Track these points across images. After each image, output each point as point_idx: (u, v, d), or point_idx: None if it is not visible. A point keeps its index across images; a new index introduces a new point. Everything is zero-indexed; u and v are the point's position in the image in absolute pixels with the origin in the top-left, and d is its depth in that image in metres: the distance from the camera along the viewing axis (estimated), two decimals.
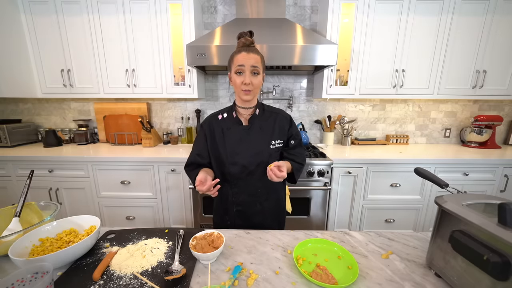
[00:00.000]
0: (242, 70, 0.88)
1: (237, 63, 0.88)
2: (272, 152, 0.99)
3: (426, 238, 0.82)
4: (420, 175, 0.82)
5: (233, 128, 0.98)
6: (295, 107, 2.35)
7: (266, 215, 1.04)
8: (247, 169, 0.97)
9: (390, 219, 1.88)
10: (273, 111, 1.04)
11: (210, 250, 0.70)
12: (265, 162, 0.96)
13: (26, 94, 2.00)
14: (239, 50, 0.89)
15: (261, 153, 0.97)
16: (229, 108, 1.03)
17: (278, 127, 1.01)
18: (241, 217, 1.02)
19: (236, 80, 0.90)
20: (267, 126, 0.99)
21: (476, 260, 0.49)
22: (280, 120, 1.02)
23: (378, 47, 1.89)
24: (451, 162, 1.79)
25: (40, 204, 0.86)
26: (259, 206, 1.01)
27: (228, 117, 1.00)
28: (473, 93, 1.97)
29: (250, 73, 0.88)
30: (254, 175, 0.98)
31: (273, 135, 0.99)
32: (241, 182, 0.99)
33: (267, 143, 0.98)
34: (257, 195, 1.00)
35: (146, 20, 1.87)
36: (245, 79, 0.88)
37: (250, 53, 0.88)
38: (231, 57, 0.92)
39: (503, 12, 1.81)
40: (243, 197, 1.00)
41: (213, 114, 1.05)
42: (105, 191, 1.86)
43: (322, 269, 0.65)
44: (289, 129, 1.03)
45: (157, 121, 2.41)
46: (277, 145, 0.99)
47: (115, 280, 0.61)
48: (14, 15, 1.87)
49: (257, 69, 0.88)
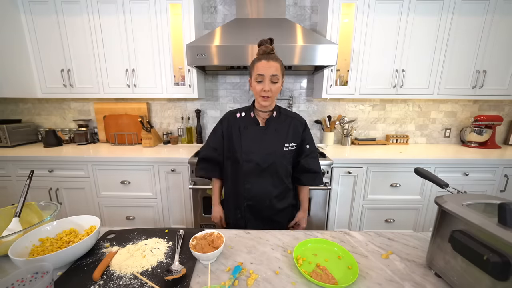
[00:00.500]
0: (262, 79, 0.93)
1: (258, 71, 0.93)
2: (285, 153, 1.03)
3: (426, 238, 0.82)
4: (420, 175, 0.82)
5: (250, 127, 1.03)
6: (295, 107, 2.35)
7: (275, 210, 1.07)
8: (260, 167, 1.01)
9: (390, 219, 1.88)
10: (289, 115, 1.09)
11: (210, 250, 0.70)
12: (278, 162, 1.02)
13: (26, 94, 2.00)
14: (260, 58, 0.94)
15: (275, 154, 1.02)
16: (248, 108, 1.08)
17: (293, 130, 1.05)
18: (252, 211, 1.06)
19: (256, 87, 0.95)
20: (282, 128, 1.04)
21: (476, 260, 0.49)
22: (295, 124, 1.07)
23: (378, 47, 1.89)
24: (451, 162, 1.79)
25: (40, 204, 0.86)
26: (269, 202, 1.05)
27: (246, 116, 1.05)
28: (473, 93, 1.97)
29: (270, 81, 0.93)
30: (266, 173, 1.02)
31: (287, 137, 1.04)
32: (253, 179, 1.03)
33: (281, 145, 1.02)
34: (267, 191, 1.04)
35: (146, 20, 1.87)
36: (265, 86, 0.93)
37: (270, 61, 0.92)
38: (252, 64, 0.97)
39: (503, 12, 1.81)
40: (254, 192, 1.04)
41: (232, 111, 1.09)
42: (105, 191, 1.86)
43: (322, 269, 0.65)
44: (303, 132, 1.08)
45: (157, 121, 2.41)
46: (291, 147, 1.04)
47: (115, 280, 0.61)
48: (14, 15, 1.87)
49: (277, 77, 0.93)
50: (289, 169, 1.08)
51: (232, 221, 1.12)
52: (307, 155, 1.09)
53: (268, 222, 1.07)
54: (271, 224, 1.07)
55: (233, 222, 1.11)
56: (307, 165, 1.08)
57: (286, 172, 1.06)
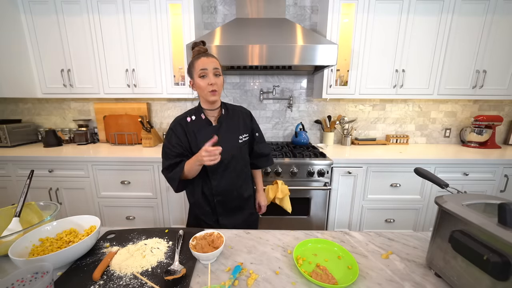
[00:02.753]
0: (205, 73, 0.95)
1: (200, 67, 0.94)
2: (241, 145, 1.10)
3: (426, 238, 0.82)
4: (420, 175, 0.82)
5: (204, 129, 1.05)
6: (295, 107, 2.35)
7: (242, 199, 1.15)
8: (222, 163, 1.04)
9: (390, 219, 1.88)
10: (236, 109, 1.15)
11: (210, 250, 0.70)
12: (237, 154, 1.08)
13: (26, 94, 2.00)
14: (198, 56, 0.96)
15: (233, 148, 1.07)
16: (195, 110, 1.08)
17: (243, 123, 1.13)
18: (223, 205, 1.10)
19: (201, 83, 0.96)
20: (233, 123, 1.10)
21: (476, 260, 0.49)
22: (243, 116, 1.14)
23: (378, 47, 1.89)
24: (451, 162, 1.79)
25: (40, 204, 0.86)
26: (236, 193, 1.11)
27: (196, 119, 1.06)
28: (473, 93, 1.97)
29: (213, 75, 0.95)
30: (229, 167, 1.07)
31: (240, 130, 1.10)
32: (218, 175, 1.06)
33: (236, 138, 1.09)
34: (233, 183, 1.10)
35: (146, 20, 1.87)
36: (210, 80, 0.95)
37: (210, 57, 0.96)
38: (191, 64, 0.98)
39: (503, 12, 1.81)
40: (222, 187, 1.08)
41: (181, 117, 1.09)
42: (105, 191, 1.86)
43: (322, 269, 0.65)
44: (250, 123, 1.17)
45: (157, 121, 2.41)
46: (244, 138, 1.11)
47: (115, 280, 0.61)
48: (14, 15, 1.87)
49: (218, 70, 0.97)
50: (247, 158, 1.17)
51: (203, 217, 1.11)
52: (257, 142, 1.21)
53: (238, 211, 1.14)
54: (241, 213, 1.15)
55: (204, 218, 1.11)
56: (259, 150, 1.21)
57: (245, 161, 1.15)
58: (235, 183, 1.10)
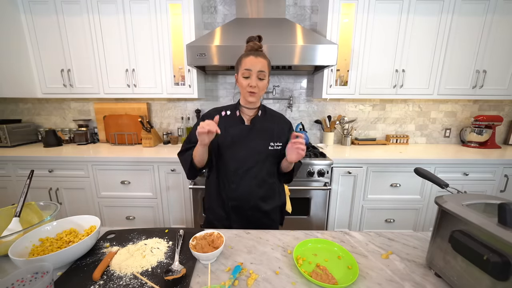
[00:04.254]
0: (249, 74, 0.92)
1: (245, 66, 0.92)
2: (270, 153, 1.01)
3: (426, 238, 0.82)
4: (420, 175, 0.82)
5: (236, 126, 1.01)
6: (295, 107, 2.35)
7: (262, 212, 1.04)
8: (245, 166, 0.99)
9: (390, 219, 1.88)
10: (275, 114, 1.08)
11: (210, 250, 0.70)
12: (262, 161, 1.00)
13: (26, 94, 2.00)
14: (247, 54, 0.93)
15: (260, 153, 1.00)
16: (233, 106, 1.05)
17: (278, 130, 1.04)
18: (237, 212, 1.03)
19: (243, 82, 0.94)
20: (268, 127, 1.03)
21: (476, 260, 0.49)
22: (281, 123, 1.06)
23: (378, 47, 1.89)
24: (451, 162, 1.79)
25: (40, 204, 0.86)
26: (253, 203, 1.02)
27: (231, 115, 1.03)
28: (473, 93, 1.97)
29: (256, 78, 0.92)
30: (251, 172, 1.00)
31: (273, 136, 1.02)
32: (238, 178, 1.00)
33: (266, 144, 1.01)
34: (252, 191, 1.01)
35: (146, 20, 1.87)
36: (251, 82, 0.91)
37: (258, 57, 0.91)
38: (239, 59, 0.95)
39: (503, 12, 1.81)
40: (239, 193, 1.01)
41: (216, 109, 1.06)
42: (105, 191, 1.86)
43: (322, 269, 0.65)
44: (288, 133, 1.06)
45: (157, 121, 2.41)
46: (276, 147, 1.02)
47: (115, 280, 0.61)
48: (14, 15, 1.87)
49: (263, 73, 0.92)
50: (273, 169, 1.06)
51: (216, 222, 1.07)
52: None
53: (254, 224, 1.03)
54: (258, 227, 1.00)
55: (217, 224, 1.07)
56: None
57: (270, 172, 1.04)
58: (255, 192, 1.01)
